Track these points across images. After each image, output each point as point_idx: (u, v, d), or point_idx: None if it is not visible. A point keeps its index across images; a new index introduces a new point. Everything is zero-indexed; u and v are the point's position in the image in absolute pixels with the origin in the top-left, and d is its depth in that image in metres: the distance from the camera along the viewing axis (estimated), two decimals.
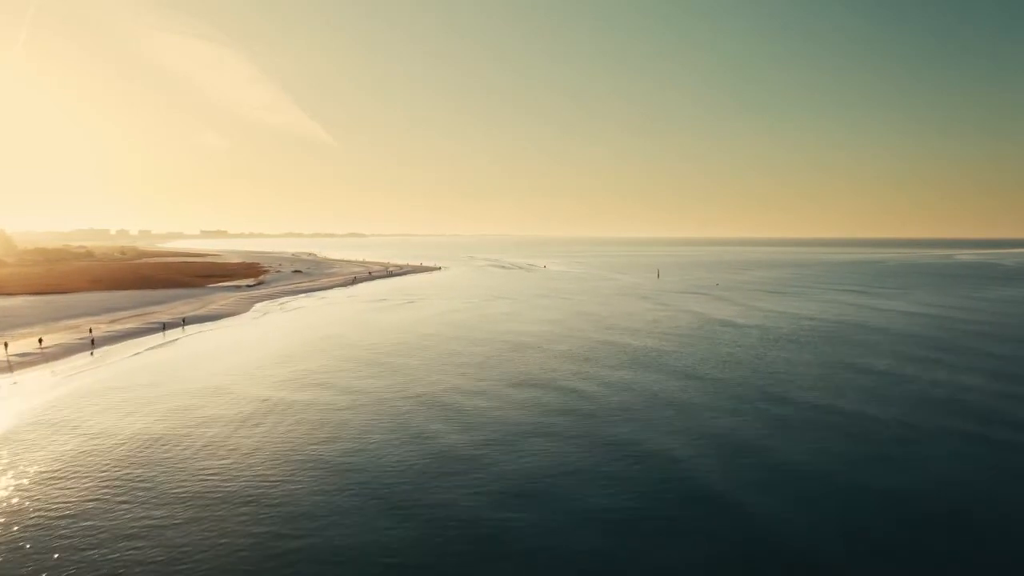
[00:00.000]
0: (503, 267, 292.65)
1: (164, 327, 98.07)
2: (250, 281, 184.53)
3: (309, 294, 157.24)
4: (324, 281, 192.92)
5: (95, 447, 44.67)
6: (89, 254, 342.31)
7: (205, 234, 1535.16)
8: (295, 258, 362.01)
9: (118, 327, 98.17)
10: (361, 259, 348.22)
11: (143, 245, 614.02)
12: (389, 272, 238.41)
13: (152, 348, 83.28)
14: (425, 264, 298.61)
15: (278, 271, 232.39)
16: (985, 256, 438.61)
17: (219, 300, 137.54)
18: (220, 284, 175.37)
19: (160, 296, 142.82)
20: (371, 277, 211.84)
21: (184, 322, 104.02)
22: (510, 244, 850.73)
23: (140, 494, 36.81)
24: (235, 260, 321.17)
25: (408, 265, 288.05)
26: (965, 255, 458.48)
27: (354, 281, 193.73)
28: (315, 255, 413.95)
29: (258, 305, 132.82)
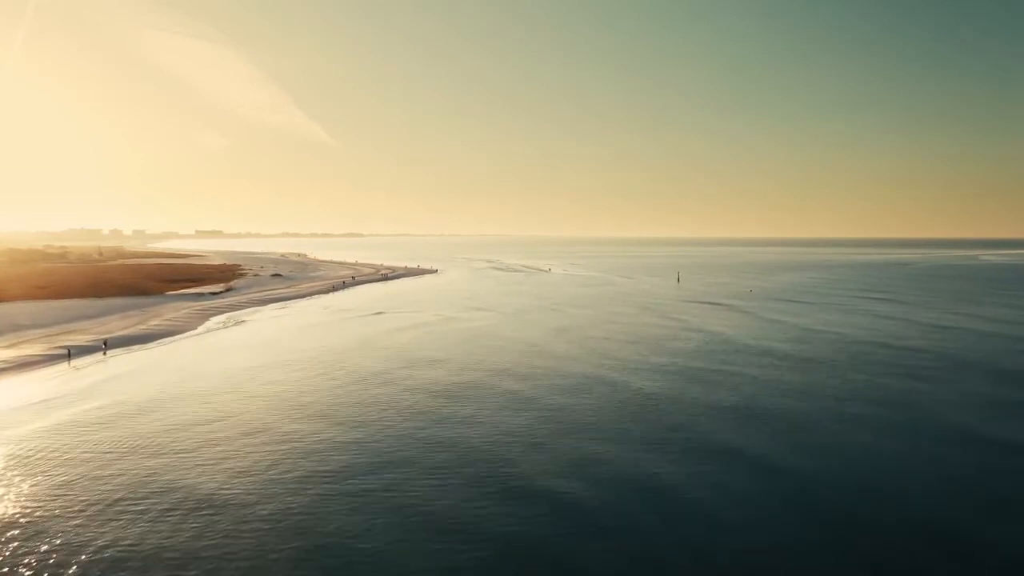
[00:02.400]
0: (502, 269, 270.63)
1: (70, 354, 76.22)
2: (218, 288, 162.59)
3: (277, 304, 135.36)
4: (303, 287, 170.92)
5: None
6: (63, 255, 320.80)
7: (200, 234, 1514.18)
8: (282, 259, 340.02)
9: (13, 354, 76.33)
10: (354, 260, 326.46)
11: (133, 245, 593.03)
12: (383, 276, 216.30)
13: (26, 384, 61.45)
14: (422, 267, 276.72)
15: (256, 274, 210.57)
16: (1011, 257, 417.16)
17: (169, 312, 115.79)
18: (183, 291, 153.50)
19: (101, 307, 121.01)
20: (355, 282, 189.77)
21: (106, 345, 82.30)
22: (510, 244, 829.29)
23: None
24: (217, 262, 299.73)
25: (403, 268, 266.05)
26: (989, 256, 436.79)
27: (333, 288, 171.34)
28: (305, 256, 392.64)
29: (214, 318, 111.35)
